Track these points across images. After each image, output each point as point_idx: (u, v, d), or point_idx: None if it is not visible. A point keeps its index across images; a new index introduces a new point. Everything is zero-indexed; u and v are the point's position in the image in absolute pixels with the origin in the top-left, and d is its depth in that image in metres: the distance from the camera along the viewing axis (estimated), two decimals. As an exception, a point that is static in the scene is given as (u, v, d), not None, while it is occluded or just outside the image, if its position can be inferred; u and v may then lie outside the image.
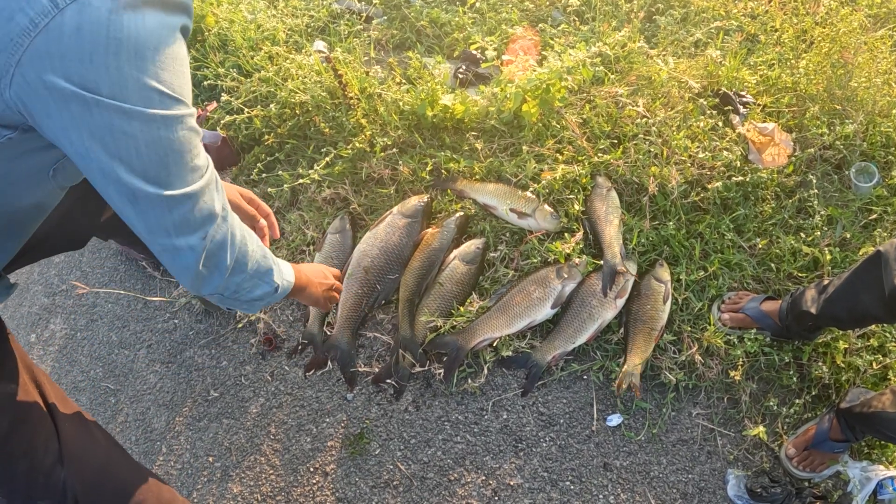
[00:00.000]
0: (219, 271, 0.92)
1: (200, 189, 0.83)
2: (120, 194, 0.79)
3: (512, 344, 1.67)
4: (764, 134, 1.83)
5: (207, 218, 0.86)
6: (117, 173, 0.76)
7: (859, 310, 1.37)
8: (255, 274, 1.01)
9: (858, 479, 1.54)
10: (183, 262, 0.87)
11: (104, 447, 1.10)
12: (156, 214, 0.81)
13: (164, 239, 0.84)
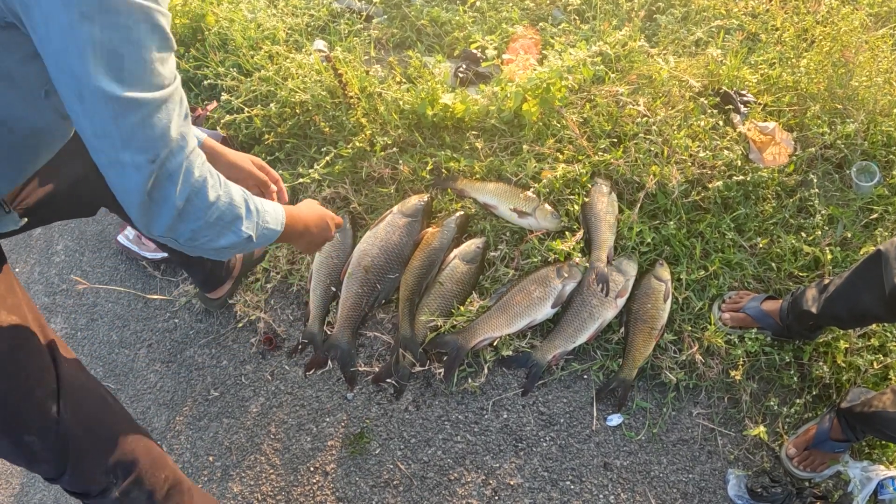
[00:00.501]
0: (167, 206, 0.82)
1: (157, 100, 0.76)
2: (69, 87, 0.74)
3: (512, 343, 1.67)
4: (765, 133, 1.83)
5: (160, 138, 0.78)
6: (69, 60, 0.71)
7: (860, 309, 1.37)
8: (216, 221, 0.89)
9: (859, 479, 1.53)
10: (128, 182, 0.79)
11: (99, 393, 1.06)
12: (102, 116, 0.74)
13: (110, 149, 0.77)
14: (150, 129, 0.77)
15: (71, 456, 0.98)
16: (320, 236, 1.28)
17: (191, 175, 0.84)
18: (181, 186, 0.83)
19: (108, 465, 1.02)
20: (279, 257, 1.92)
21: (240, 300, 1.91)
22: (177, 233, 0.87)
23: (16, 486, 1.90)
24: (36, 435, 0.95)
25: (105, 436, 1.03)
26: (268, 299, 1.92)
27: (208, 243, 0.91)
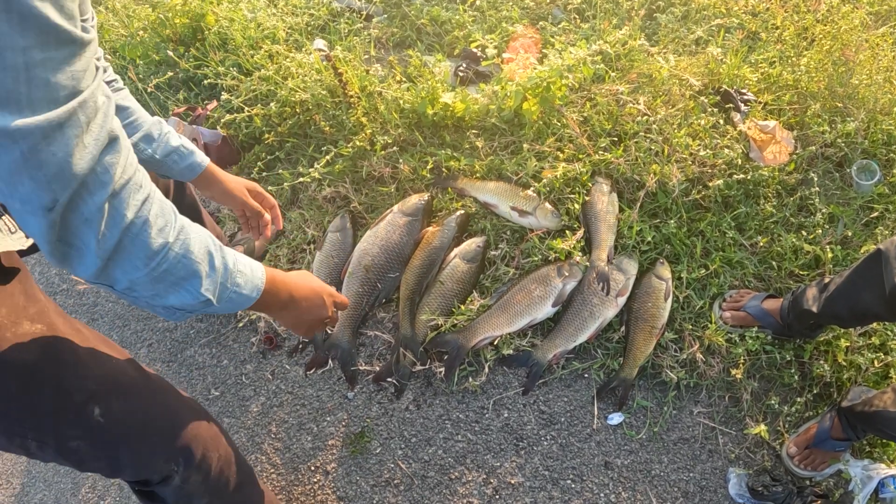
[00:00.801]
0: (87, 253, 0.66)
1: (42, 127, 0.56)
2: None
3: (513, 342, 1.67)
4: (765, 132, 1.83)
5: (55, 177, 0.58)
6: None
7: (860, 308, 1.37)
8: (163, 274, 0.73)
9: (860, 478, 1.53)
10: (30, 229, 0.63)
11: (149, 385, 0.99)
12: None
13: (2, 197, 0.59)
14: (38, 167, 0.57)
15: (124, 453, 0.94)
16: (311, 313, 1.03)
17: (120, 218, 0.66)
18: (105, 231, 0.65)
19: (167, 454, 0.99)
20: (280, 256, 1.92)
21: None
22: (111, 279, 0.71)
23: (16, 486, 1.90)
24: (81, 440, 0.90)
25: (159, 427, 0.98)
26: (268, 299, 1.92)
27: (153, 299, 0.76)
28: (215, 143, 2.03)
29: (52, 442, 0.89)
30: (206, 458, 1.05)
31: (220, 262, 0.80)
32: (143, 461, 0.97)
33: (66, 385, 0.87)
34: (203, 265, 0.77)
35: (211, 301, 0.80)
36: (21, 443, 0.87)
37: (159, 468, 0.99)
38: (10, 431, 0.86)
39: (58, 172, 0.59)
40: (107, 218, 0.65)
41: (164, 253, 0.72)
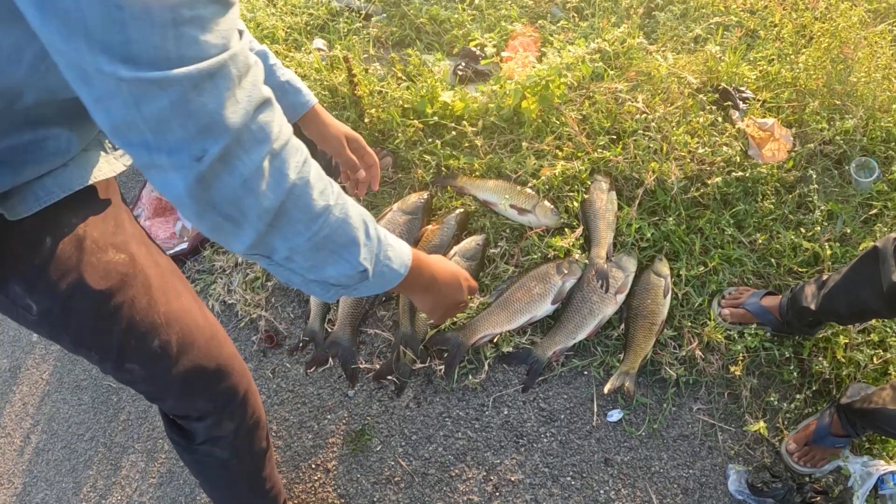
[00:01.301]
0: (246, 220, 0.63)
1: (192, 77, 0.54)
2: (70, 68, 0.54)
3: (513, 340, 1.67)
4: (764, 129, 1.83)
5: (208, 127, 0.57)
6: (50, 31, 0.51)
7: (859, 305, 1.37)
8: (324, 241, 0.70)
9: (859, 474, 1.54)
10: (173, 188, 0.60)
11: (208, 328, 1.03)
12: (118, 103, 0.54)
13: (139, 147, 0.58)
14: (188, 116, 0.56)
15: (173, 386, 0.98)
16: (450, 297, 1.02)
17: (283, 178, 0.63)
18: (266, 192, 0.62)
19: (211, 395, 1.03)
20: (280, 255, 1.93)
21: (241, 300, 1.92)
22: (270, 249, 0.69)
23: (18, 486, 1.91)
24: (137, 364, 0.96)
25: (211, 370, 1.01)
26: (269, 297, 1.92)
27: (311, 272, 0.73)
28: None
29: (112, 359, 0.95)
30: (242, 409, 1.08)
31: (374, 231, 0.78)
32: (188, 397, 1.02)
33: (134, 316, 0.93)
34: (360, 232, 0.74)
35: (367, 273, 0.77)
36: (86, 353, 0.95)
37: (200, 406, 1.03)
38: (79, 342, 0.94)
39: (209, 123, 0.57)
40: (268, 178, 0.62)
41: (325, 216, 0.69)
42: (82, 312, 0.90)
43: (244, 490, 1.26)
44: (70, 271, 0.87)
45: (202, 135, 0.57)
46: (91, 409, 1.96)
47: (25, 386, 2.11)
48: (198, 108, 0.56)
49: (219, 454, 1.10)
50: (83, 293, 0.89)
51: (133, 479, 1.80)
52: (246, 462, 1.17)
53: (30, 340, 2.20)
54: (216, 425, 1.05)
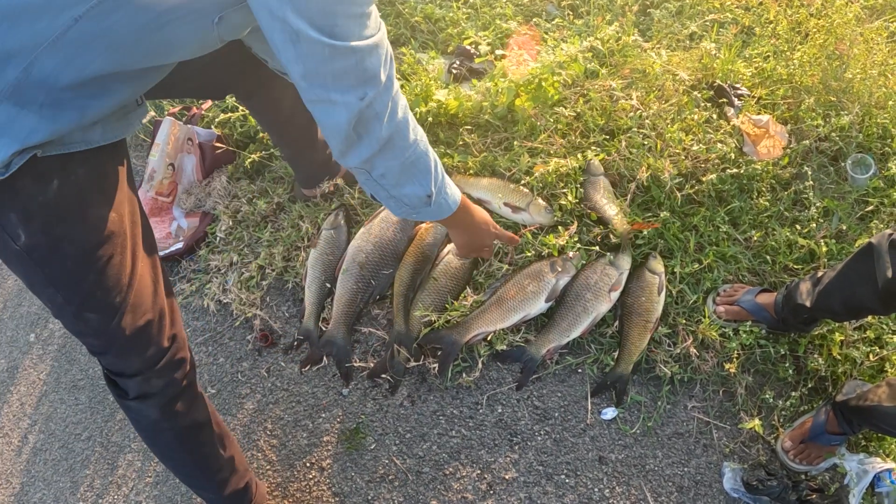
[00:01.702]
0: (369, 140, 0.93)
1: (367, 48, 0.85)
2: (283, 33, 0.82)
3: (506, 338, 1.67)
4: (758, 126, 1.83)
5: (370, 80, 0.88)
6: (284, 13, 0.80)
7: (854, 302, 1.37)
8: (410, 165, 1.00)
9: (855, 472, 1.53)
10: (335, 118, 0.90)
11: (159, 295, 1.13)
12: (315, 60, 0.84)
13: (319, 89, 0.87)
14: (362, 71, 0.86)
15: (117, 342, 1.08)
16: (482, 239, 1.38)
17: (395, 115, 0.93)
18: (386, 124, 0.92)
19: (145, 356, 1.12)
20: (275, 254, 1.93)
21: (236, 299, 1.92)
22: (372, 166, 0.97)
23: (16, 486, 1.91)
24: (97, 314, 1.04)
25: (152, 333, 1.11)
26: (264, 296, 1.93)
27: (394, 188, 1.02)
28: (210, 143, 2.04)
29: (74, 305, 1.03)
30: (170, 370, 1.16)
31: (440, 170, 1.07)
32: (126, 355, 1.11)
33: (108, 270, 1.03)
34: (433, 165, 1.04)
35: (431, 196, 1.07)
36: (52, 294, 1.03)
37: (135, 364, 1.12)
38: (50, 282, 1.01)
39: (373, 76, 0.88)
40: (389, 113, 0.91)
41: (414, 147, 0.98)
42: (66, 257, 0.99)
43: (186, 461, 1.30)
44: (67, 217, 0.96)
45: (365, 84, 0.88)
46: (88, 408, 1.97)
47: (23, 386, 2.12)
48: (367, 67, 0.86)
49: (147, 412, 1.18)
50: (72, 240, 0.98)
51: (130, 478, 1.81)
52: (180, 430, 1.22)
53: (27, 341, 2.20)
54: (145, 381, 1.13)
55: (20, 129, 0.88)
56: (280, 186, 2.04)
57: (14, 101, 0.87)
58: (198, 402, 1.26)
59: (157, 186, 2.01)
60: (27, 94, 0.87)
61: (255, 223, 1.99)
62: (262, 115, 1.69)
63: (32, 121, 0.89)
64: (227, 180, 2.03)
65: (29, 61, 0.84)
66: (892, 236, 1.23)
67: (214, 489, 1.36)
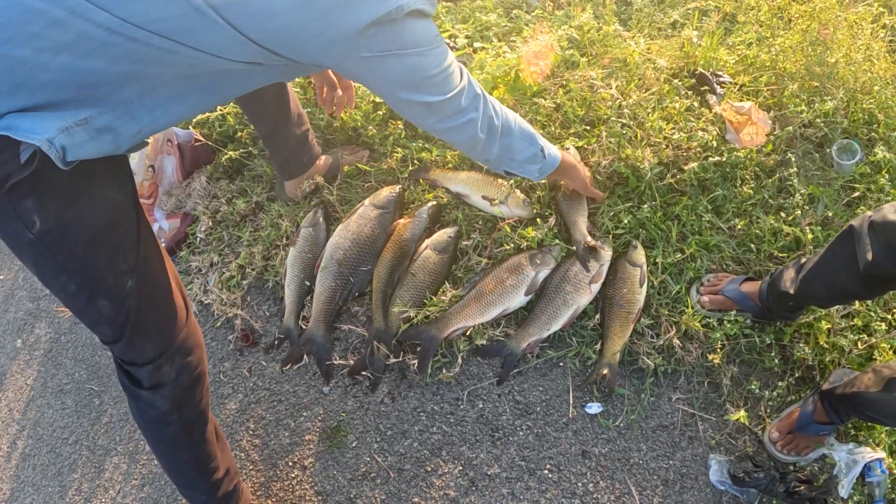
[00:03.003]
0: (493, 133, 1.25)
1: (466, 84, 1.15)
2: (421, 110, 1.13)
3: (486, 332, 1.65)
4: (741, 113, 1.80)
5: (475, 98, 1.18)
6: (422, 99, 1.10)
7: (837, 288, 1.34)
8: (521, 136, 1.32)
9: (845, 462, 1.50)
10: (469, 132, 1.21)
11: (167, 280, 1.17)
12: (444, 108, 1.14)
13: (451, 122, 1.17)
14: (470, 98, 1.17)
15: (129, 328, 1.11)
16: (585, 176, 1.62)
17: (496, 109, 1.26)
18: (497, 118, 1.25)
19: (157, 343, 1.15)
20: (255, 253, 1.92)
21: (217, 299, 1.91)
22: (500, 150, 1.30)
23: (6, 492, 1.91)
24: (109, 300, 1.08)
25: (162, 318, 1.15)
26: (244, 296, 1.92)
27: (519, 153, 1.34)
28: (189, 143, 2.03)
29: (86, 293, 1.07)
30: (182, 357, 1.19)
31: (533, 130, 1.39)
32: (138, 341, 1.14)
33: (119, 253, 1.07)
34: (529, 129, 1.37)
35: (543, 149, 1.40)
36: (65, 282, 1.06)
37: (147, 353, 1.15)
38: (63, 268, 1.04)
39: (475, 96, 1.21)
40: (493, 110, 1.26)
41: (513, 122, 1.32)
42: (77, 241, 1.02)
43: (186, 459, 1.30)
44: (78, 200, 1.01)
45: (475, 101, 1.20)
46: (74, 412, 1.97)
47: (11, 392, 2.12)
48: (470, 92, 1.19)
49: (160, 404, 1.19)
50: (82, 223, 1.02)
51: (116, 480, 1.80)
52: (186, 423, 1.24)
53: (14, 346, 2.20)
54: (157, 369, 1.16)
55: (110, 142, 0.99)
56: (259, 185, 2.03)
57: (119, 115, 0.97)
58: (206, 396, 1.28)
59: (137, 188, 2.00)
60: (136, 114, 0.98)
61: (235, 223, 1.98)
62: None
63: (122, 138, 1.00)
64: (207, 180, 2.03)
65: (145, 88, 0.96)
66: (871, 218, 1.21)
67: (207, 489, 1.36)
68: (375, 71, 1.04)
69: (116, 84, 0.94)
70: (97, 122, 0.96)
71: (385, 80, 1.07)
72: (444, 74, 1.10)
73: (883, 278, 1.21)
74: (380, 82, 1.09)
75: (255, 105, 1.65)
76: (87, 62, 0.89)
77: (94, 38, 0.88)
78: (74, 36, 0.87)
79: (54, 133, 0.92)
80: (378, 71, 1.04)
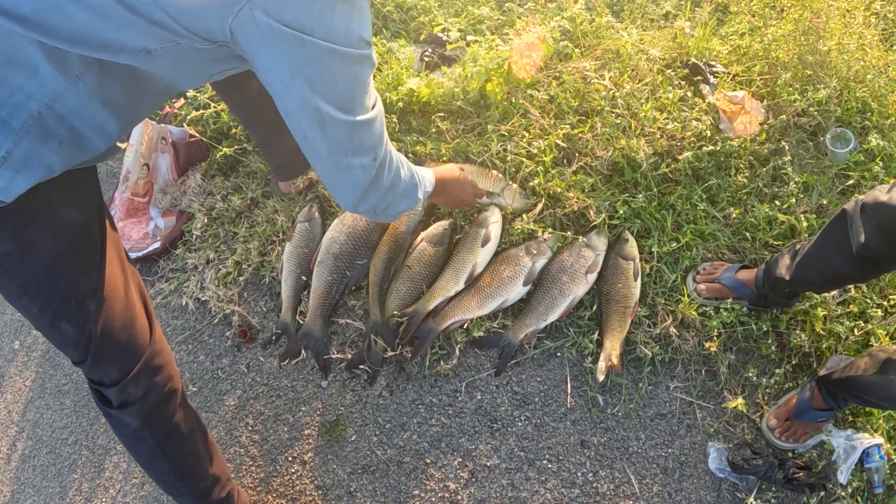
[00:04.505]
0: (378, 189, 1.10)
1: (375, 116, 1.00)
2: (311, 119, 0.94)
3: (483, 324, 1.65)
4: (734, 102, 1.81)
5: (378, 141, 1.03)
6: (315, 102, 0.91)
7: (831, 271, 1.34)
8: (404, 192, 1.18)
9: (843, 449, 1.50)
10: (354, 179, 1.05)
11: (130, 301, 1.14)
12: (339, 136, 0.96)
13: (342, 158, 1.00)
14: (373, 137, 1.01)
15: (92, 351, 1.09)
16: (461, 193, 1.53)
17: (392, 161, 1.11)
18: (387, 172, 1.09)
19: (121, 364, 1.13)
20: (251, 249, 1.92)
21: (213, 296, 1.91)
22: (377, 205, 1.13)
23: (6, 494, 1.91)
24: (71, 324, 1.06)
25: (125, 339, 1.13)
26: (241, 292, 1.92)
27: (395, 208, 1.19)
28: (183, 141, 2.03)
29: (49, 316, 1.05)
30: (148, 376, 1.17)
31: (418, 175, 1.25)
32: (103, 362, 1.12)
33: (81, 276, 1.05)
34: (417, 179, 1.23)
35: (420, 200, 1.26)
36: (28, 304, 1.04)
37: (112, 373, 1.13)
38: (25, 292, 1.03)
39: (379, 138, 1.03)
40: (388, 162, 1.10)
41: (406, 179, 1.18)
42: (36, 264, 1.00)
43: (166, 470, 1.28)
44: (35, 221, 0.98)
45: (377, 146, 1.04)
46: (73, 412, 1.96)
47: (9, 394, 2.12)
48: (375, 131, 1.02)
49: (129, 421, 1.18)
50: (42, 245, 0.99)
51: (116, 479, 1.80)
52: (159, 439, 1.22)
53: (12, 348, 2.20)
54: (123, 390, 1.14)
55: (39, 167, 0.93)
56: (254, 182, 2.03)
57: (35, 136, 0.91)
58: (181, 410, 1.25)
59: (132, 187, 2.01)
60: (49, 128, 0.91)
61: (231, 219, 1.98)
62: (228, 96, 1.68)
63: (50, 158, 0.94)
64: (202, 178, 2.02)
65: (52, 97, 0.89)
66: (863, 201, 1.21)
67: (196, 497, 1.35)
68: (267, 48, 0.86)
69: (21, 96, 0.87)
70: (17, 153, 0.90)
71: (276, 64, 0.88)
72: (349, 88, 0.93)
73: (876, 260, 1.21)
74: (269, 65, 0.89)
75: (248, 114, 1.65)
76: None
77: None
78: None
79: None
80: (270, 49, 0.86)
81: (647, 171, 1.71)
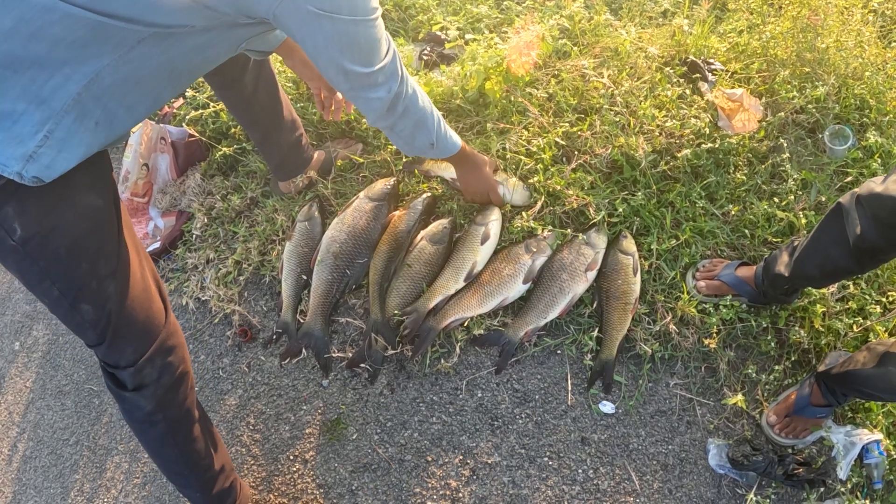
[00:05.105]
0: (393, 113, 1.28)
1: (389, 61, 1.19)
2: (339, 73, 1.15)
3: (484, 322, 1.65)
4: (733, 100, 1.81)
5: (391, 78, 1.22)
6: (342, 62, 1.12)
7: (829, 265, 1.35)
8: (419, 123, 1.35)
9: (842, 445, 1.51)
10: (373, 106, 1.25)
11: (147, 284, 1.18)
12: (360, 81, 1.18)
13: (361, 92, 1.21)
14: (388, 76, 1.20)
15: (110, 332, 1.13)
16: (484, 184, 1.66)
17: (408, 93, 1.28)
18: (402, 101, 1.27)
19: (138, 345, 1.16)
20: (250, 249, 1.92)
21: (214, 296, 1.91)
22: (394, 126, 1.32)
23: (8, 495, 1.91)
24: (91, 305, 1.09)
25: (142, 321, 1.16)
26: (241, 292, 1.92)
27: (409, 136, 1.36)
28: (183, 141, 2.03)
29: (69, 298, 1.08)
30: (163, 358, 1.20)
31: (442, 124, 1.44)
32: (119, 344, 1.15)
33: (100, 258, 1.09)
34: (435, 122, 1.40)
35: (433, 144, 1.43)
36: (48, 288, 1.07)
37: (128, 355, 1.16)
38: (46, 275, 1.05)
39: (393, 75, 1.22)
40: (405, 94, 1.27)
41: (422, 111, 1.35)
42: (59, 247, 1.03)
43: (175, 457, 1.31)
44: (58, 206, 1.02)
45: (389, 81, 1.22)
46: (74, 413, 1.97)
47: (10, 395, 2.12)
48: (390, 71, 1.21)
49: (143, 404, 1.20)
50: (64, 229, 1.03)
51: (118, 480, 1.80)
52: (172, 422, 1.25)
53: (12, 349, 2.20)
54: (139, 371, 1.17)
55: (79, 146, 0.98)
56: (253, 181, 2.03)
57: (74, 117, 0.96)
58: (191, 394, 1.29)
59: (131, 187, 2.01)
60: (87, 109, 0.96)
61: (230, 219, 1.98)
62: (225, 93, 1.69)
63: (88, 138, 0.99)
64: (201, 177, 2.03)
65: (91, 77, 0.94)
66: (857, 193, 1.22)
67: (201, 486, 1.37)
68: (306, 26, 1.06)
69: (61, 78, 0.92)
70: (58, 133, 0.95)
71: (312, 37, 1.09)
72: (369, 47, 1.13)
73: (873, 251, 1.22)
74: (307, 38, 1.10)
75: (245, 112, 1.65)
76: (28, 48, 0.88)
77: (32, 21, 0.87)
78: (13, 21, 0.86)
79: (20, 164, 0.92)
80: (308, 27, 1.06)
81: (646, 169, 1.71)
